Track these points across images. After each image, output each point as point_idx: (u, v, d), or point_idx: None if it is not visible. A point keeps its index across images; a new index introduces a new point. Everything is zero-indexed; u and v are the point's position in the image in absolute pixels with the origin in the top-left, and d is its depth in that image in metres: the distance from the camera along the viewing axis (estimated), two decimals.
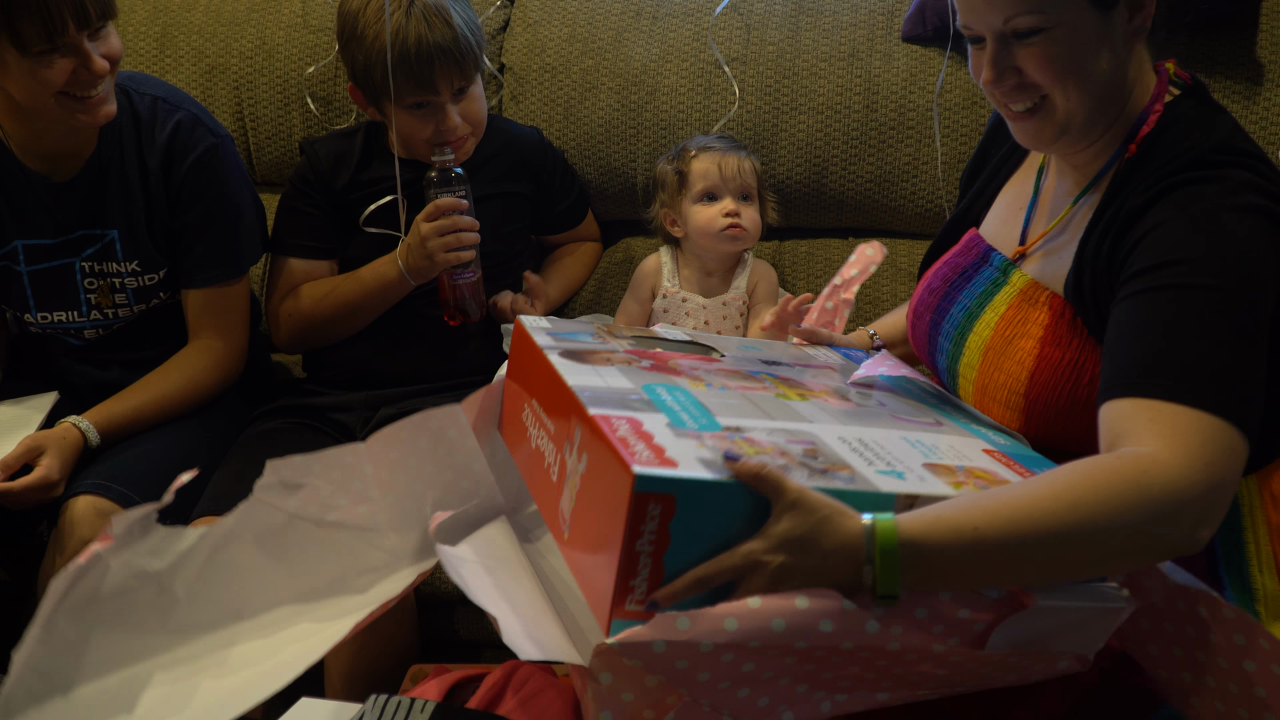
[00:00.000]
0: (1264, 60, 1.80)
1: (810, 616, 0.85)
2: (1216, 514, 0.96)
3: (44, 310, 1.73)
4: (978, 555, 0.90)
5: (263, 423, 1.78)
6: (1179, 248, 1.04)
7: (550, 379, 1.03)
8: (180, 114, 1.70)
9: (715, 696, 0.87)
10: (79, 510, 1.56)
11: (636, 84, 1.98)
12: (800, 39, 1.95)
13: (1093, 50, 1.13)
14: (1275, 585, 1.15)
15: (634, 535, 0.83)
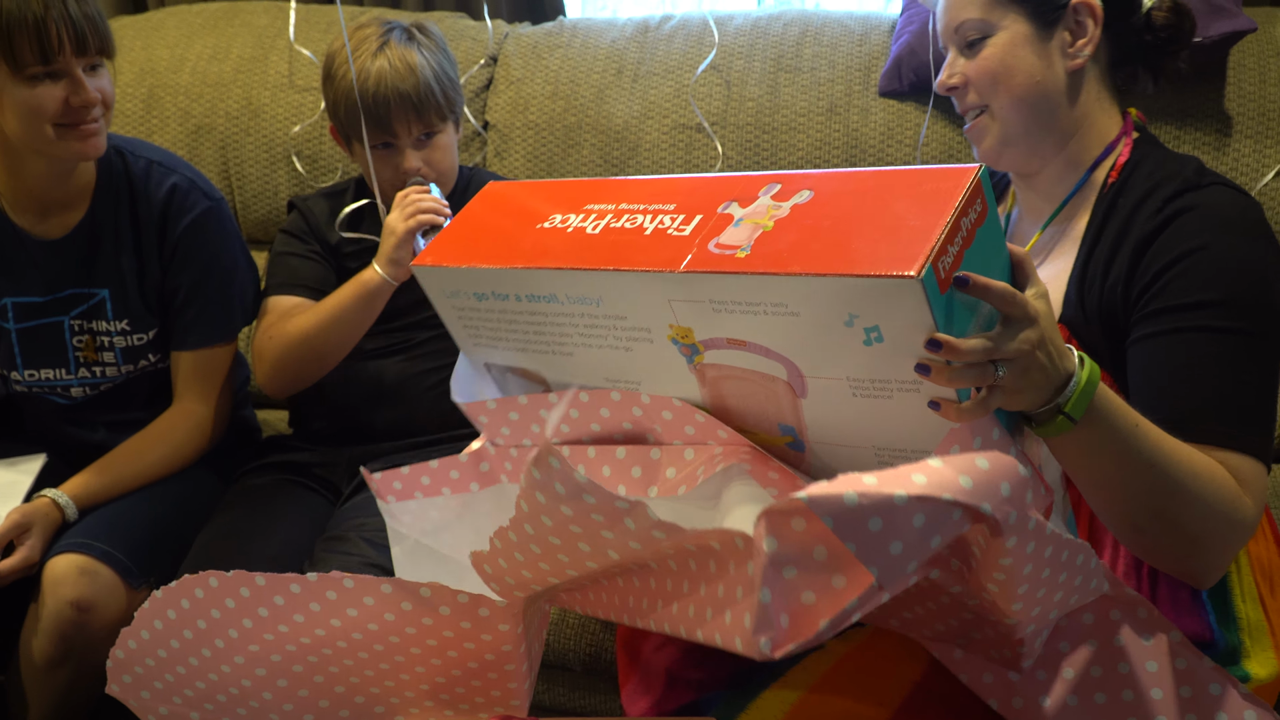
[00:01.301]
0: (1232, 112, 1.84)
1: (993, 476, 0.83)
2: (1238, 550, 1.10)
3: (31, 368, 1.73)
4: (1125, 438, 1.01)
5: (248, 480, 1.78)
6: (1210, 287, 1.11)
7: None
8: (175, 177, 1.70)
9: (896, 584, 0.81)
10: (61, 569, 1.54)
11: (618, 140, 2.01)
12: (779, 95, 1.99)
13: (1028, 64, 1.22)
14: (1258, 614, 1.18)
15: (964, 211, 0.89)
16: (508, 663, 1.10)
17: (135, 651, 1.15)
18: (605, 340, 1.05)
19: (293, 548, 1.63)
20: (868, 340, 0.90)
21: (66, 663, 1.56)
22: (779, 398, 0.99)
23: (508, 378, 1.16)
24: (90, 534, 1.59)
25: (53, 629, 1.54)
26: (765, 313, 0.93)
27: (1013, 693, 1.05)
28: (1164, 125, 1.86)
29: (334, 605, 1.08)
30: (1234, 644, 1.17)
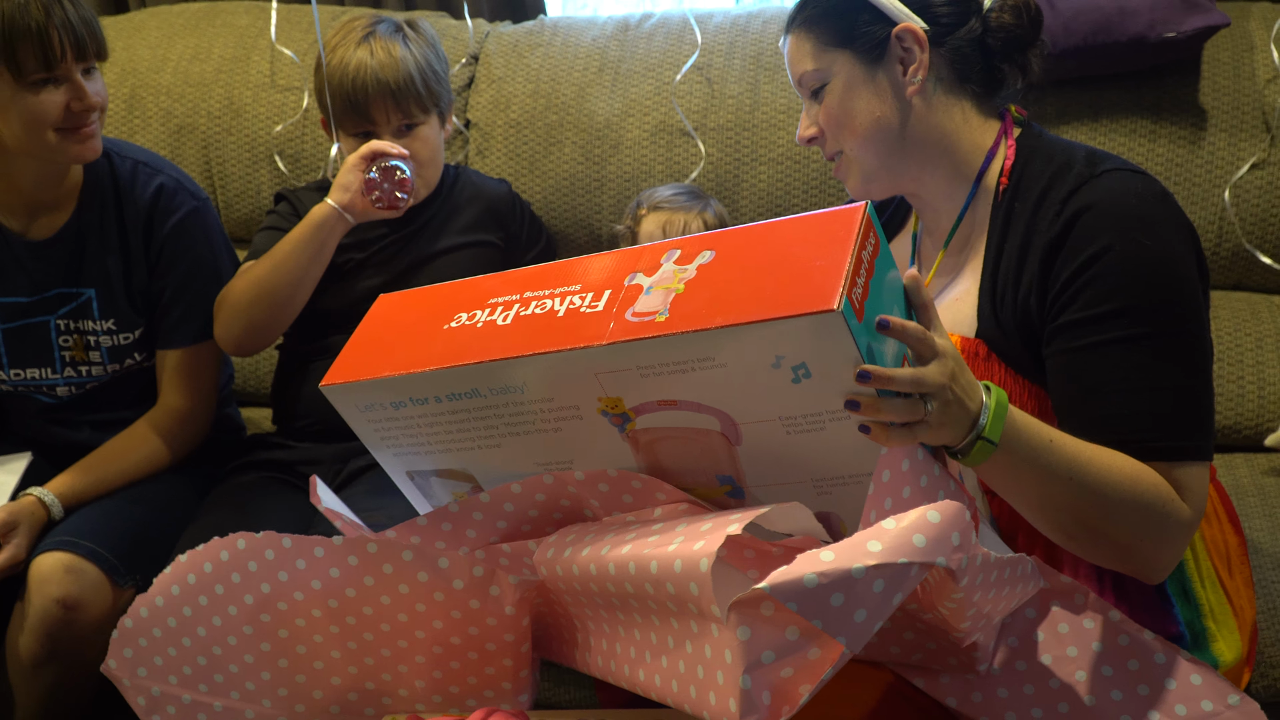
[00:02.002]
0: (1207, 106, 1.86)
1: (944, 529, 0.88)
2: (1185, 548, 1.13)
3: (16, 367, 1.73)
4: (1040, 461, 1.04)
5: (234, 478, 1.78)
6: (1117, 295, 1.10)
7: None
8: (161, 178, 1.71)
9: (865, 643, 0.85)
10: (47, 568, 1.55)
11: (600, 138, 2.02)
12: (759, 92, 2.00)
13: (864, 104, 1.22)
14: (1219, 596, 1.20)
15: (862, 245, 0.93)
16: (506, 656, 1.11)
17: (145, 620, 1.16)
18: (533, 425, 1.05)
19: None
20: (796, 378, 0.93)
21: (53, 661, 1.56)
22: (715, 449, 1.01)
23: (431, 482, 1.15)
24: (76, 532, 1.59)
25: (39, 627, 1.54)
26: (693, 369, 0.96)
27: (970, 689, 1.07)
28: (1139, 119, 1.88)
29: (353, 571, 1.09)
30: (1199, 631, 1.19)
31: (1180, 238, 1.13)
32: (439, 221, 1.81)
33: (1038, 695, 1.07)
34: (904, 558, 0.84)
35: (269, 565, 1.11)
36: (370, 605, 1.11)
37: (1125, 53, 1.82)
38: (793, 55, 1.26)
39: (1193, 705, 1.06)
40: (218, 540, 1.13)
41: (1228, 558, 1.24)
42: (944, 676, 1.07)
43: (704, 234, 1.05)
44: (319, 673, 1.15)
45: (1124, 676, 1.07)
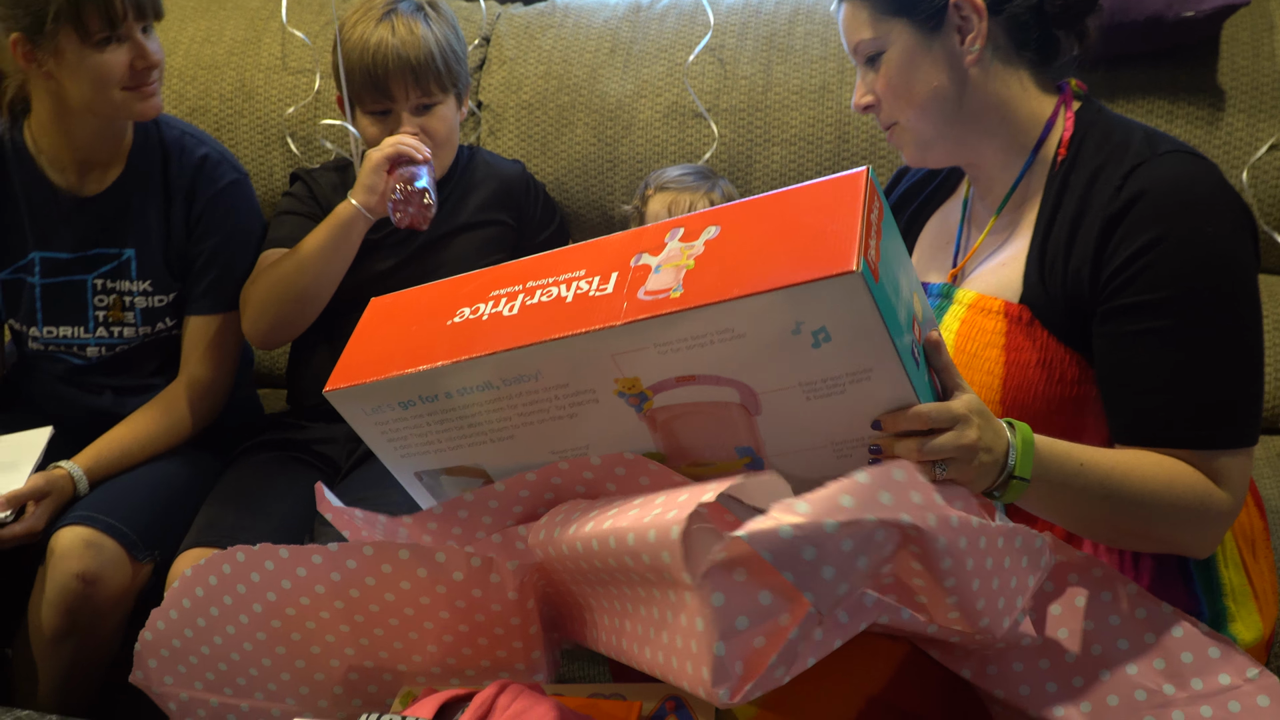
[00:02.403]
0: (1225, 86, 1.85)
1: (905, 486, 0.91)
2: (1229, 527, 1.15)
3: (50, 324, 1.76)
4: (1073, 486, 1.07)
5: (247, 457, 1.78)
6: (1175, 282, 1.10)
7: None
8: (206, 149, 1.77)
9: (829, 606, 0.88)
10: (66, 542, 1.56)
11: (612, 119, 2.01)
12: (772, 73, 1.99)
13: (923, 74, 1.21)
14: (1241, 579, 1.20)
15: (869, 210, 0.94)
16: (516, 639, 1.11)
17: (163, 633, 1.18)
18: (548, 413, 1.04)
19: (293, 523, 1.64)
20: (816, 343, 0.93)
21: (72, 635, 1.57)
22: (734, 422, 1.01)
23: (441, 481, 1.14)
24: (96, 507, 1.61)
25: (58, 601, 1.55)
26: (712, 342, 0.96)
27: (986, 661, 1.06)
28: (1157, 100, 1.86)
29: (353, 574, 1.10)
30: (1219, 610, 1.19)
31: (1239, 224, 1.12)
32: (453, 202, 1.80)
33: (1053, 669, 1.06)
34: (871, 514, 0.87)
35: (270, 575, 1.13)
36: (375, 603, 1.11)
37: (1143, 32, 1.81)
38: (848, 23, 1.24)
39: (1210, 679, 1.05)
40: (218, 554, 1.14)
41: (1252, 540, 1.24)
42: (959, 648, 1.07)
43: (707, 210, 1.04)
44: (336, 670, 1.16)
45: (1140, 650, 1.07)
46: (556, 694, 1.05)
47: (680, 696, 1.06)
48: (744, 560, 0.88)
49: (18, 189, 1.73)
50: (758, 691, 0.87)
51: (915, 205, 1.41)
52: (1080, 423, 1.18)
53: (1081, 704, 1.04)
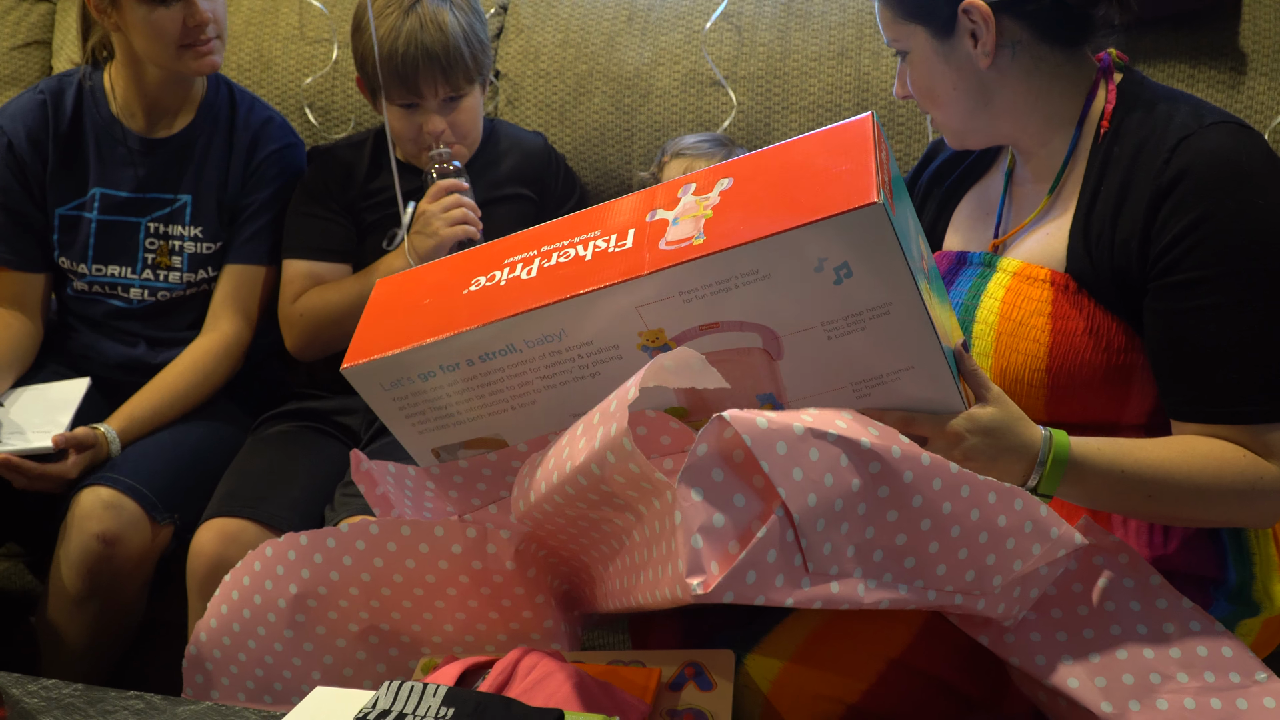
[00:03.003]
0: (1247, 50, 1.83)
1: (886, 431, 0.97)
2: None
3: (100, 262, 1.83)
4: (1115, 490, 1.10)
5: (268, 426, 1.81)
6: (1228, 257, 1.10)
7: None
8: (271, 113, 1.90)
9: (801, 510, 0.90)
10: (87, 503, 1.60)
11: (630, 87, 2.01)
12: (790, 39, 1.98)
13: (942, 76, 1.22)
14: (1271, 550, 1.22)
15: (878, 150, 0.97)
16: (525, 609, 1.13)
17: (206, 644, 1.21)
18: (570, 373, 1.05)
19: (313, 493, 1.67)
20: (838, 279, 0.95)
21: (94, 598, 1.61)
22: (756, 368, 1.03)
23: (459, 455, 1.15)
24: (116, 469, 1.65)
25: (79, 562, 1.58)
26: (736, 286, 0.97)
27: (1004, 630, 1.08)
28: (1177, 64, 1.85)
29: (363, 555, 1.12)
30: (1247, 579, 1.20)
31: None
32: (472, 174, 1.81)
33: (1070, 643, 1.08)
34: (831, 430, 0.92)
35: (293, 566, 1.15)
36: (387, 586, 1.13)
37: None
38: (881, 18, 1.26)
39: (1221, 675, 1.07)
40: (250, 553, 1.18)
41: None
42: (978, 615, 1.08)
43: (716, 165, 1.06)
44: (363, 663, 1.19)
45: (1158, 637, 1.08)
46: (577, 661, 1.07)
47: (699, 662, 1.08)
48: (721, 461, 0.91)
49: (88, 129, 1.82)
50: (729, 591, 0.88)
51: (953, 178, 1.41)
52: (1126, 389, 1.19)
53: (1097, 679, 1.05)
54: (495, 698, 0.96)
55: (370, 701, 0.99)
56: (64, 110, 1.83)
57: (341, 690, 1.04)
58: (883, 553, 0.96)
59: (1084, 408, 1.19)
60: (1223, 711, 1.05)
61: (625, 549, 1.04)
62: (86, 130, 1.83)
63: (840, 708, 1.08)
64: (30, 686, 1.17)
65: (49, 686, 1.17)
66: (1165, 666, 1.07)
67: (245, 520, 1.58)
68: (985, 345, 1.23)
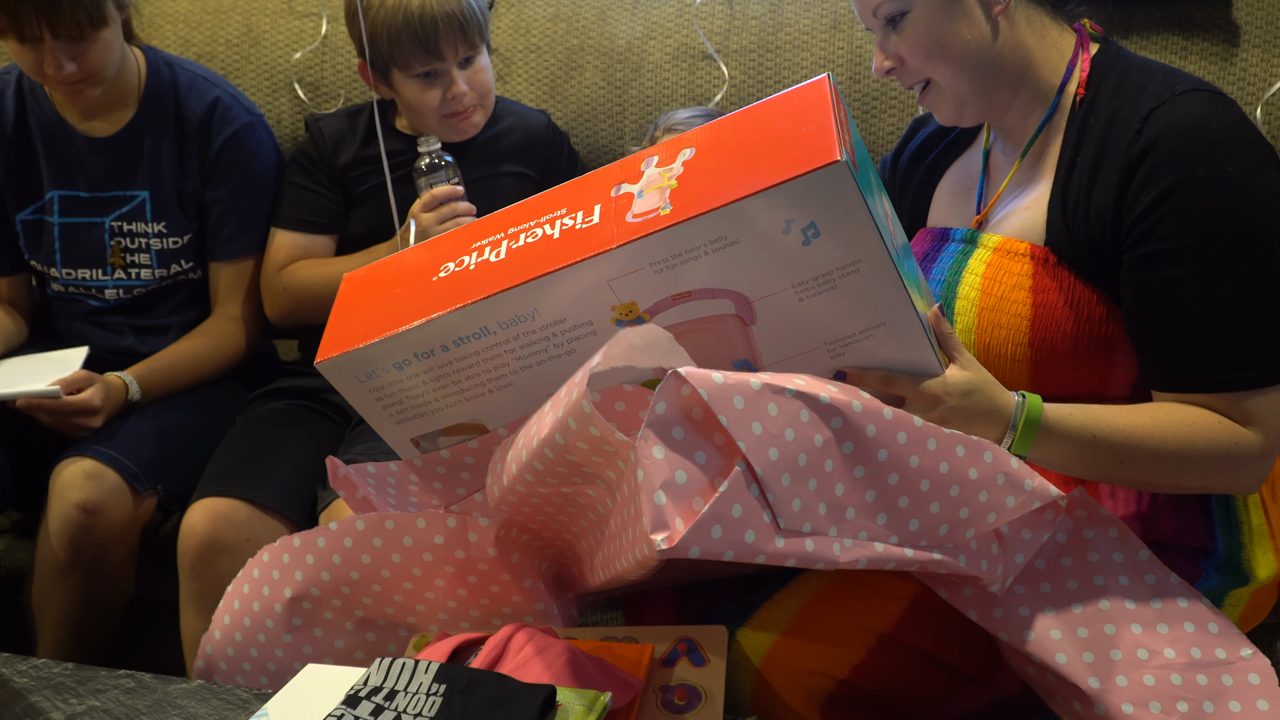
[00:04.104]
0: (1240, 22, 1.82)
1: (846, 389, 0.96)
2: (1273, 463, 1.15)
3: (69, 266, 1.81)
4: (1087, 455, 1.11)
5: (259, 404, 1.81)
6: (1199, 225, 1.10)
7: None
8: (218, 91, 1.81)
9: (763, 464, 0.90)
10: (68, 474, 1.60)
11: (621, 61, 2.00)
12: (782, 11, 1.97)
13: (951, 29, 1.18)
14: (1259, 519, 1.22)
15: (837, 111, 0.98)
16: (514, 593, 1.13)
17: (212, 656, 1.21)
18: (545, 352, 1.05)
19: (304, 472, 1.66)
20: (806, 240, 0.96)
21: (77, 568, 1.61)
22: (730, 335, 1.03)
23: (438, 443, 1.14)
24: (99, 440, 1.65)
25: (61, 533, 1.59)
26: (706, 253, 0.97)
27: (993, 604, 1.08)
28: (1171, 36, 1.84)
29: (350, 553, 1.13)
30: (1235, 548, 1.20)
31: (1260, 160, 1.12)
32: (475, 150, 1.80)
33: (1058, 618, 1.08)
34: (790, 386, 0.92)
35: (287, 569, 1.15)
36: (377, 581, 1.13)
37: None
38: None
39: (1207, 650, 1.08)
40: (250, 561, 1.18)
41: (1273, 482, 1.25)
42: (967, 589, 1.09)
43: (677, 136, 1.07)
44: (362, 663, 1.18)
45: (1146, 613, 1.09)
46: (570, 638, 1.07)
47: (692, 638, 1.08)
48: (681, 418, 0.91)
49: (35, 130, 1.77)
50: (694, 546, 0.88)
51: (934, 155, 1.40)
52: (1109, 361, 1.19)
53: (1085, 654, 1.06)
54: (487, 674, 0.96)
55: (362, 678, 0.99)
56: (6, 112, 1.78)
57: (333, 668, 1.05)
58: (855, 510, 0.96)
59: (1067, 380, 1.19)
60: (1208, 687, 1.06)
61: (600, 519, 1.04)
62: (34, 131, 1.78)
63: (831, 682, 1.09)
64: (20, 666, 1.17)
65: (39, 665, 1.17)
66: (1153, 642, 1.08)
67: (236, 500, 1.58)
68: (968, 321, 1.23)
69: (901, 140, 1.47)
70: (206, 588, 1.55)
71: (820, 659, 1.09)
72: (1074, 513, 1.14)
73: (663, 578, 1.19)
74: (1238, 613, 1.23)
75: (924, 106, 1.28)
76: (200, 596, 1.57)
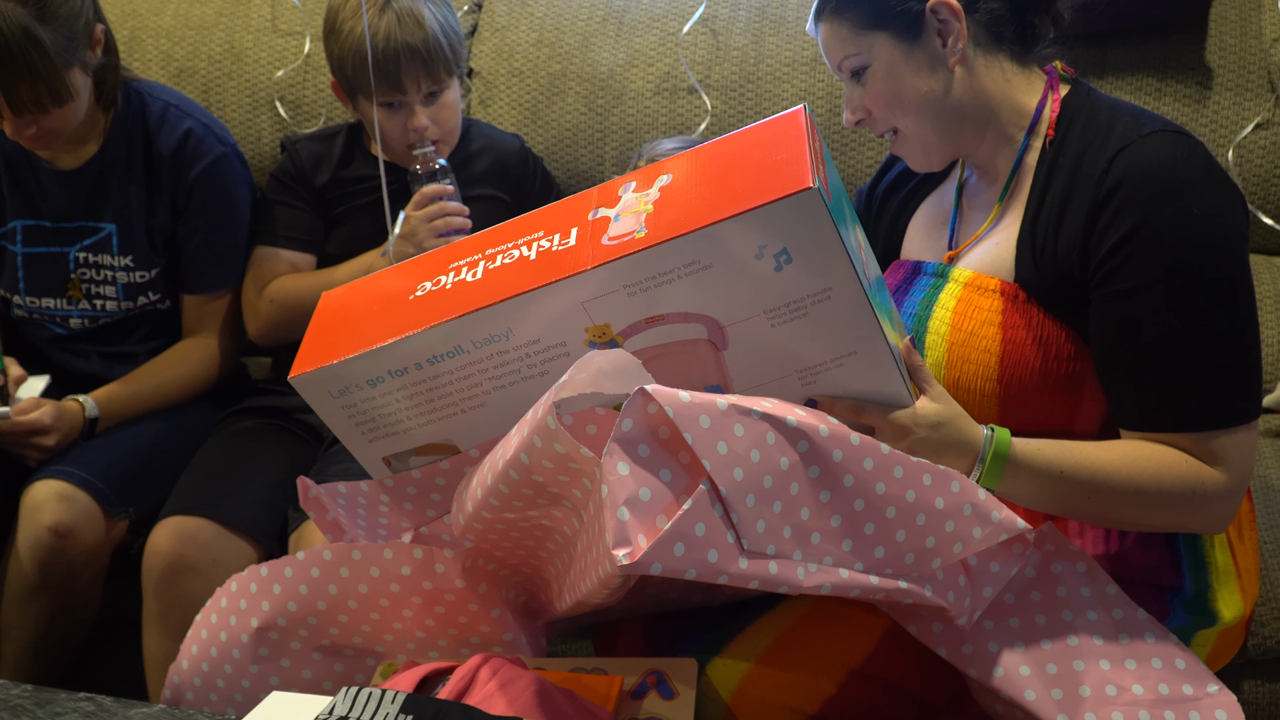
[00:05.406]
0: (1213, 64, 1.85)
1: (814, 415, 0.97)
2: (1240, 503, 1.16)
3: (32, 295, 1.77)
4: (1054, 490, 1.12)
5: (231, 423, 1.79)
6: (1163, 264, 1.11)
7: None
8: (190, 122, 1.75)
9: (728, 484, 0.91)
10: (40, 495, 1.58)
11: (603, 88, 2.01)
12: (764, 45, 1.98)
13: (910, 81, 1.21)
14: (1226, 559, 1.22)
15: (812, 140, 0.99)
16: (482, 624, 1.13)
17: (179, 686, 1.20)
18: (519, 373, 1.05)
19: (274, 491, 1.65)
20: (778, 266, 0.97)
21: (45, 590, 1.59)
22: (702, 360, 1.03)
23: (410, 462, 1.14)
24: (70, 461, 1.63)
25: (31, 554, 1.56)
26: (680, 277, 0.98)
27: (962, 640, 1.08)
28: (1145, 77, 1.86)
29: (317, 583, 1.13)
30: (1202, 587, 1.21)
31: (1226, 202, 1.13)
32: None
33: (1026, 653, 1.08)
34: (758, 408, 0.93)
35: (254, 599, 1.14)
36: (344, 612, 1.13)
37: (1133, 8, 1.81)
38: (828, 42, 1.25)
39: (1174, 687, 1.08)
40: (218, 590, 1.17)
41: (1239, 522, 1.26)
42: (936, 624, 1.09)
43: (655, 163, 1.08)
44: (330, 693, 1.17)
45: (1114, 649, 1.09)
46: (539, 668, 1.06)
47: (662, 670, 1.08)
48: (648, 436, 0.91)
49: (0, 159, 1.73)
50: (656, 562, 0.88)
51: (909, 187, 1.41)
52: (1077, 397, 1.19)
53: (1053, 690, 1.06)
54: (455, 705, 0.95)
55: (327, 707, 0.98)
56: None
57: (299, 695, 1.04)
58: (820, 535, 0.96)
59: (1036, 416, 1.20)
60: None
61: (567, 541, 1.04)
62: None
63: (801, 717, 1.09)
64: None
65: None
66: (1121, 678, 1.08)
67: (203, 518, 1.57)
68: (938, 355, 1.24)
69: (878, 173, 1.48)
70: (170, 607, 1.54)
71: (790, 693, 1.09)
72: (1042, 547, 1.14)
73: (631, 606, 1.19)
74: (1205, 653, 1.23)
75: (895, 153, 1.30)
76: (164, 616, 1.55)
